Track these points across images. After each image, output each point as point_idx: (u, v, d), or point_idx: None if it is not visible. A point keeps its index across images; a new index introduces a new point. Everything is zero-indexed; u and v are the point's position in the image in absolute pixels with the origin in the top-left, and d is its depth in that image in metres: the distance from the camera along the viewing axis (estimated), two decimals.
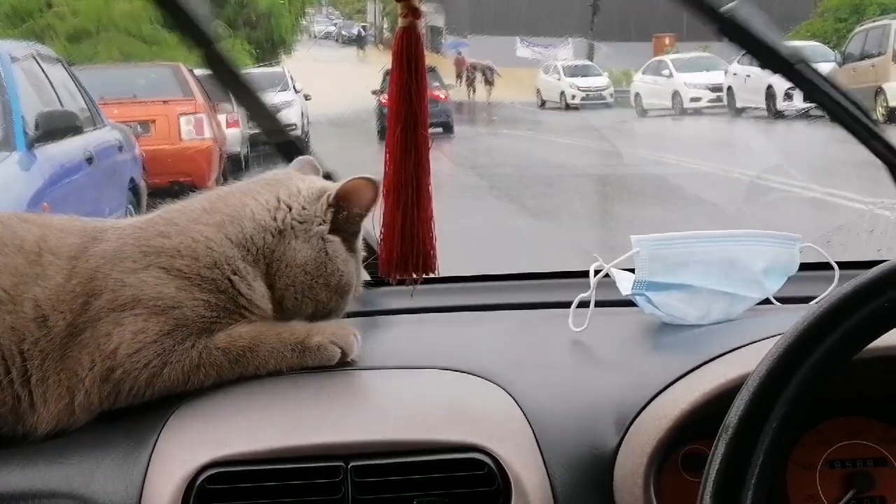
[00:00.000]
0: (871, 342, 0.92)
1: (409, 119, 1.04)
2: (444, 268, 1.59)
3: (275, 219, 1.22)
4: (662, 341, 1.37)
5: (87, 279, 1.18)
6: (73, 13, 20.28)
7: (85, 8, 20.34)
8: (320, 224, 1.20)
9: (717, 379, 1.13)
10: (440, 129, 21.12)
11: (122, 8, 20.50)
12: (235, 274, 1.19)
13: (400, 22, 0.97)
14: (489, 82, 32.91)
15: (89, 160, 6.64)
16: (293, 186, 1.24)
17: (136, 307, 1.17)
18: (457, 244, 1.64)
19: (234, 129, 14.01)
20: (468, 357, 1.27)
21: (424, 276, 1.12)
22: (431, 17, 55.71)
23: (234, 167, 13.27)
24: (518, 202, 11.27)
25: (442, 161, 15.14)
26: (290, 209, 1.23)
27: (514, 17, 46.91)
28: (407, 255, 1.11)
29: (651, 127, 24.24)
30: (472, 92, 32.71)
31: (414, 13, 0.97)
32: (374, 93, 35.57)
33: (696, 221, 7.98)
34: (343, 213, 1.20)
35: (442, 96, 22.14)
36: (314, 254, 1.20)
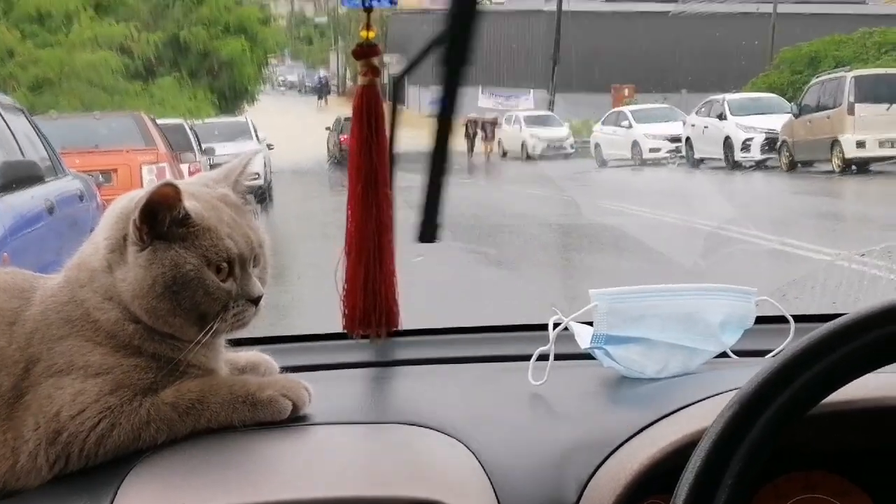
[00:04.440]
0: (825, 397, 0.94)
1: (370, 176, 1.05)
2: (405, 319, 1.59)
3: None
4: (621, 395, 1.38)
5: (24, 345, 1.18)
6: (35, 62, 20.25)
7: (47, 57, 20.33)
8: (134, 244, 1.19)
9: (674, 434, 1.14)
10: None
11: (84, 58, 20.51)
12: (135, 336, 1.19)
13: (360, 80, 0.98)
14: (488, 138, 32.95)
15: (50, 210, 6.60)
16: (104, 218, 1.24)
17: (73, 372, 1.16)
18: (419, 295, 1.64)
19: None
20: (427, 411, 1.27)
21: (387, 331, 1.11)
22: (394, 67, 56.12)
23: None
24: (480, 252, 11.30)
25: (405, 210, 15.16)
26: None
27: (475, 67, 47.21)
28: (370, 310, 1.11)
29: (611, 177, 24.44)
30: (471, 149, 32.70)
31: (373, 71, 0.98)
32: (327, 129, 35.63)
33: (656, 271, 8.03)
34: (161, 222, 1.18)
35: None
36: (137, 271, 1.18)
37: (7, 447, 1.15)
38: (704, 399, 1.21)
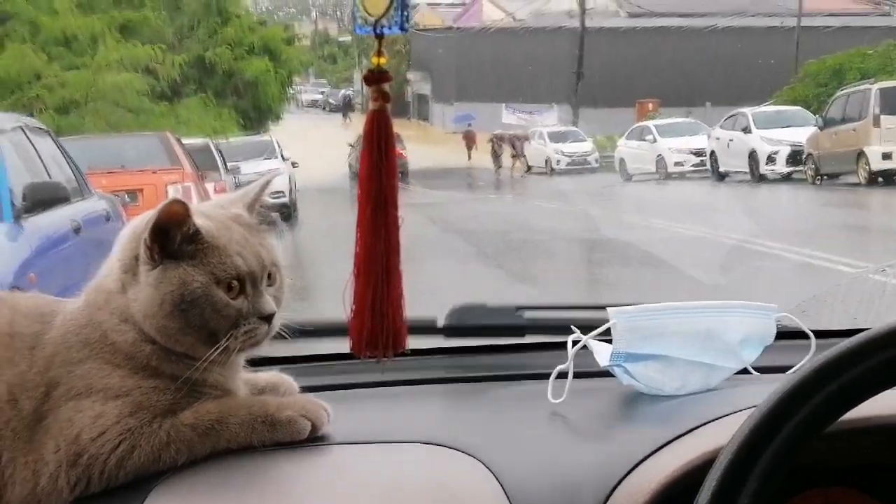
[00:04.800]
0: (843, 414, 0.93)
1: (379, 199, 1.06)
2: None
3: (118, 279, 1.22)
4: (641, 412, 1.38)
5: (44, 369, 1.19)
6: (62, 85, 20.43)
7: (74, 79, 20.50)
8: (145, 263, 1.20)
9: (694, 451, 1.14)
10: (401, 175, 29.61)
11: (110, 79, 20.67)
12: (152, 357, 1.19)
13: (371, 105, 0.99)
14: (517, 154, 32.83)
15: (77, 230, 6.66)
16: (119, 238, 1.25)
17: (92, 394, 1.17)
18: (442, 310, 1.66)
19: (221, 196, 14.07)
20: (445, 430, 1.27)
21: (395, 353, 1.12)
22: (418, 84, 56.22)
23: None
24: (505, 267, 11.31)
25: (429, 227, 15.22)
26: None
27: (499, 84, 47.35)
28: (377, 333, 1.12)
29: (636, 191, 24.40)
30: (498, 166, 32.63)
31: (384, 97, 0.99)
32: (350, 145, 36.15)
33: (680, 287, 8.00)
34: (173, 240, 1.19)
35: (403, 153, 28.94)
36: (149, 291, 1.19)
37: (28, 470, 1.16)
38: (724, 416, 1.21)
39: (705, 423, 1.22)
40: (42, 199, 6.48)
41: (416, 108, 56.27)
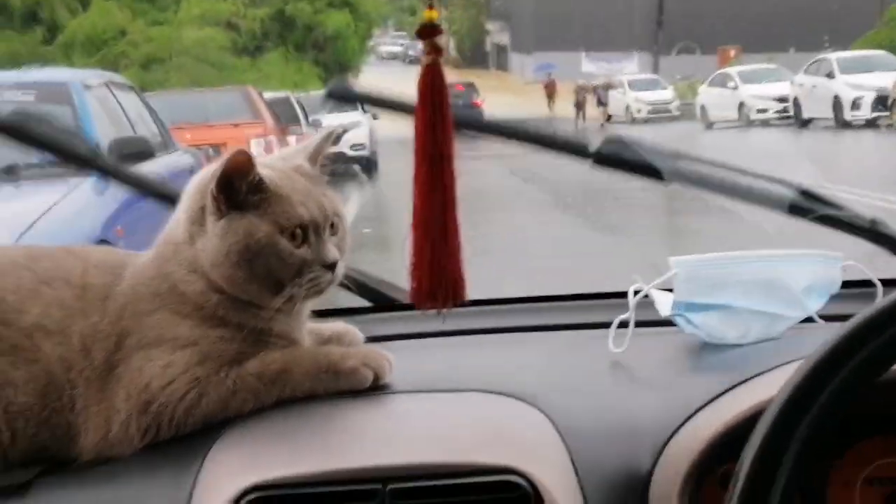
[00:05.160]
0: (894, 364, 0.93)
1: (435, 155, 1.07)
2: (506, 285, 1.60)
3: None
4: (701, 361, 1.38)
5: (115, 319, 1.23)
6: (147, 40, 20.73)
7: (157, 35, 20.79)
8: (212, 214, 1.22)
9: (752, 400, 1.14)
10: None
11: (192, 35, 20.92)
12: (220, 306, 1.22)
13: (424, 59, 1.00)
14: (602, 103, 32.45)
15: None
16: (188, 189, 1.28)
17: (162, 344, 1.21)
18: (522, 262, 1.66)
19: None
20: (503, 379, 1.29)
21: (454, 304, 1.14)
22: (497, 34, 55.83)
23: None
24: (584, 216, 11.25)
25: (509, 178, 15.18)
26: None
27: (578, 32, 46.86)
28: (436, 284, 1.13)
29: (717, 140, 24.03)
30: (581, 115, 32.30)
31: (437, 51, 0.99)
32: None
33: (759, 234, 7.87)
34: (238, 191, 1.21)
35: (479, 102, 29.49)
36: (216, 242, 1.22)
37: (101, 417, 1.20)
38: (785, 364, 1.20)
39: (767, 371, 1.22)
40: (128, 153, 6.58)
41: (496, 58, 55.98)
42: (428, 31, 0.97)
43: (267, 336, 1.24)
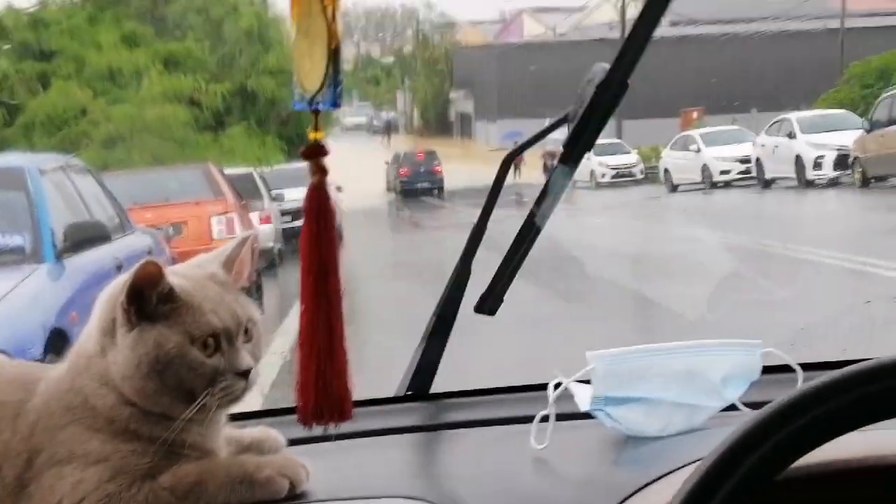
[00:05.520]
0: (797, 459, 0.93)
1: (321, 271, 1.08)
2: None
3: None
4: (625, 455, 1.38)
5: (27, 435, 1.21)
6: (108, 119, 20.73)
7: (119, 114, 20.79)
8: (122, 326, 1.22)
9: (671, 493, 1.14)
10: (436, 192, 34.68)
11: (154, 112, 20.94)
12: (131, 420, 1.22)
13: (311, 180, 1.01)
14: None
15: (119, 268, 6.75)
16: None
17: (73, 461, 1.19)
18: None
19: (266, 224, 14.21)
20: (425, 482, 1.28)
21: (340, 422, 1.14)
22: (460, 103, 56.31)
23: (268, 263, 13.42)
24: (549, 286, 11.27)
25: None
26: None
27: (541, 99, 47.25)
28: (322, 403, 1.13)
29: (682, 202, 24.23)
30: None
31: (322, 171, 1.01)
32: (386, 163, 36.56)
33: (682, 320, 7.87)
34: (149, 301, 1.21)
35: (439, 169, 35.10)
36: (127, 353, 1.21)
37: None
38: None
39: (691, 463, 1.22)
40: (83, 238, 6.59)
41: (460, 126, 56.43)
42: (314, 152, 0.99)
43: (180, 448, 1.23)
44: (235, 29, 26.18)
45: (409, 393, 1.64)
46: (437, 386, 1.64)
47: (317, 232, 1.05)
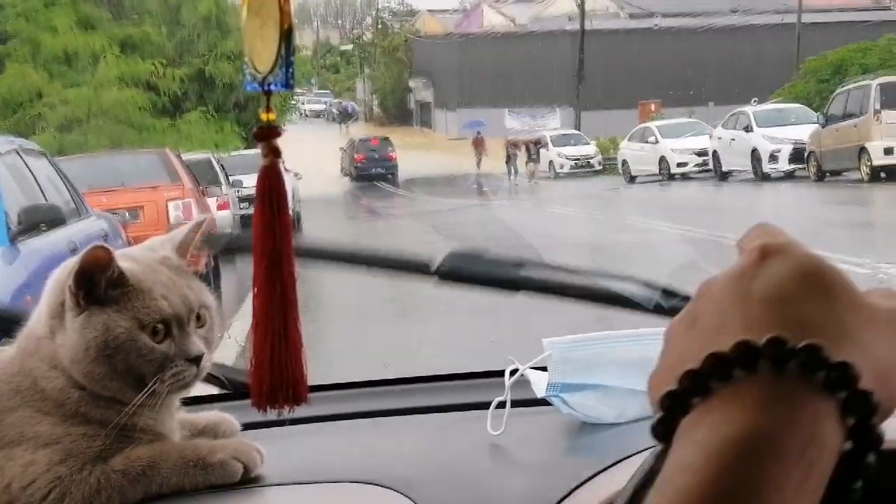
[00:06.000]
0: None
1: (274, 255, 1.07)
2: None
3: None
4: (580, 441, 1.39)
5: None
6: (64, 102, 20.52)
7: (75, 97, 20.59)
8: (70, 310, 1.21)
9: (621, 481, 1.15)
10: (390, 177, 35.12)
11: (111, 96, 20.75)
12: (81, 403, 1.21)
13: (262, 161, 1.00)
14: (533, 159, 32.58)
15: (73, 251, 6.67)
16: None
17: (23, 443, 1.18)
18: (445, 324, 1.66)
19: (224, 211, 14.13)
20: (379, 467, 1.28)
21: (295, 405, 1.13)
22: (420, 92, 56.27)
23: (225, 249, 13.36)
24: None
25: (432, 235, 15.22)
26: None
27: (501, 89, 47.38)
28: (276, 387, 1.13)
29: (639, 193, 24.38)
30: (513, 172, 32.47)
31: (275, 153, 1.00)
32: (341, 149, 36.74)
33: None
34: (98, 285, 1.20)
35: (393, 155, 35.45)
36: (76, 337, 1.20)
37: None
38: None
39: (644, 450, 1.23)
40: (38, 221, 6.54)
41: (419, 115, 56.37)
42: (265, 133, 0.97)
43: (132, 431, 1.22)
44: (194, 14, 26.01)
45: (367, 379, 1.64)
46: (395, 371, 1.64)
47: (269, 214, 1.03)
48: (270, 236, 1.03)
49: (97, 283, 1.19)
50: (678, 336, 0.64)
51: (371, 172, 35.76)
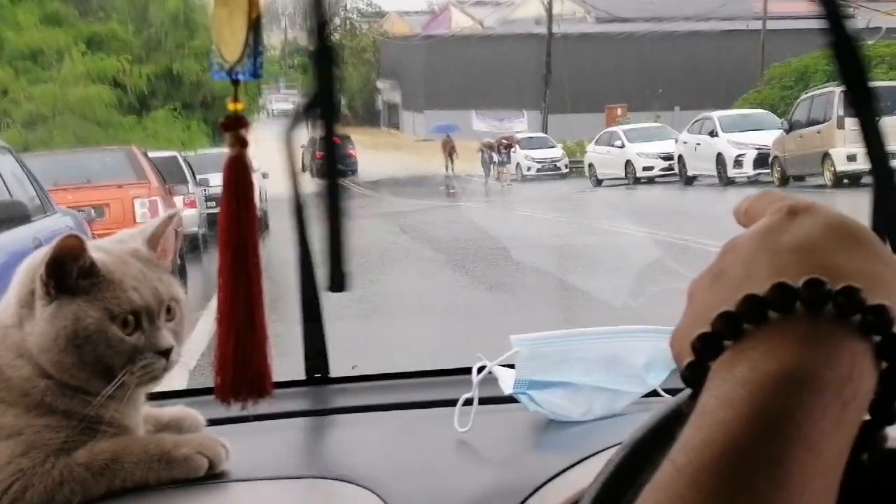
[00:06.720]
0: None
1: (239, 246, 1.06)
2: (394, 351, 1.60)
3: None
4: (546, 439, 1.39)
5: None
6: (29, 99, 20.33)
7: (40, 94, 20.39)
8: (41, 298, 1.20)
9: (585, 479, 1.15)
10: (350, 174, 33.14)
11: (77, 93, 20.57)
12: (47, 393, 1.20)
13: (228, 152, 0.99)
14: (503, 161, 32.46)
15: (38, 248, 6.62)
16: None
17: None
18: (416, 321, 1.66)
19: (190, 209, 14.03)
20: (345, 463, 1.28)
21: (259, 399, 1.13)
22: (388, 93, 56.17)
23: (192, 247, 13.28)
24: (472, 275, 11.31)
25: (399, 236, 15.22)
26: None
27: (468, 91, 47.38)
28: (240, 380, 1.12)
29: (605, 196, 24.49)
30: (489, 173, 32.36)
31: (241, 143, 0.99)
32: (301, 146, 37.00)
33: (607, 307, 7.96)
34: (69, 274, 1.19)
35: (353, 153, 33.53)
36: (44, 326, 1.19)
37: None
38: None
39: (609, 448, 1.23)
40: (2, 218, 6.47)
41: (387, 116, 56.30)
42: (233, 123, 0.97)
43: (97, 424, 1.21)
44: (161, 11, 25.84)
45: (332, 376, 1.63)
46: (363, 368, 1.64)
47: (235, 206, 1.03)
48: (236, 227, 1.03)
49: (69, 272, 1.18)
50: (703, 289, 0.65)
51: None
